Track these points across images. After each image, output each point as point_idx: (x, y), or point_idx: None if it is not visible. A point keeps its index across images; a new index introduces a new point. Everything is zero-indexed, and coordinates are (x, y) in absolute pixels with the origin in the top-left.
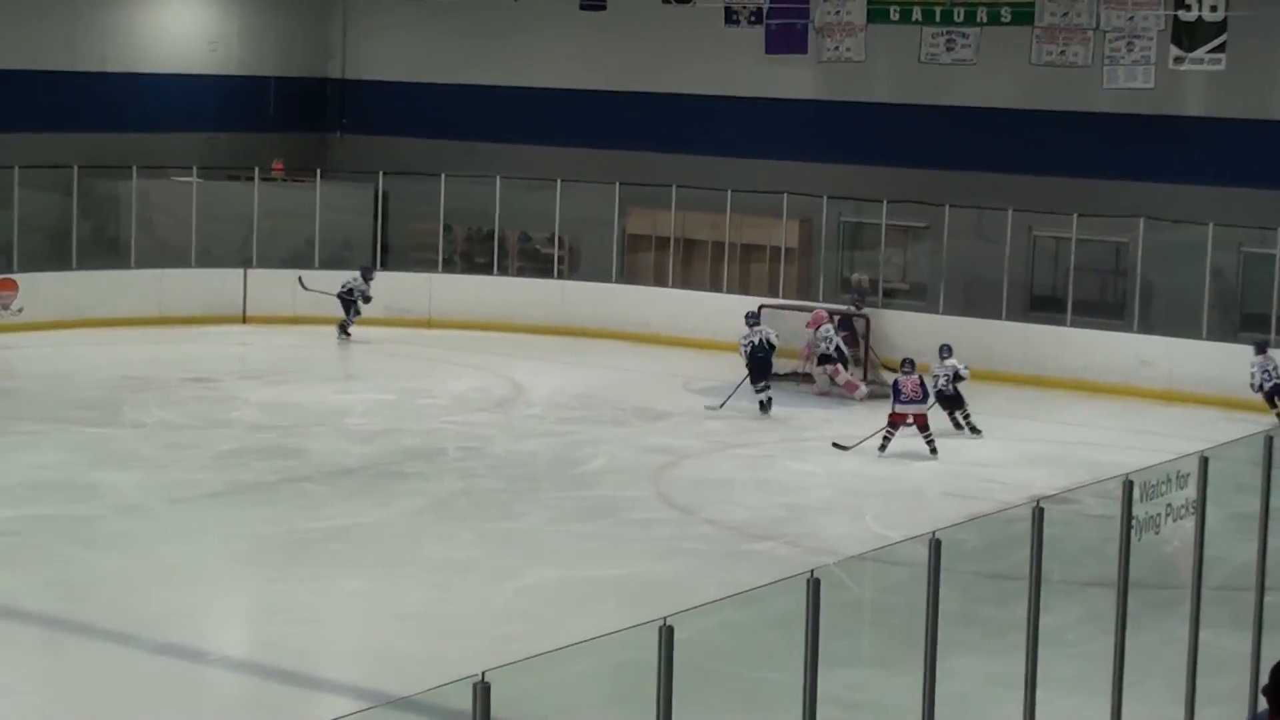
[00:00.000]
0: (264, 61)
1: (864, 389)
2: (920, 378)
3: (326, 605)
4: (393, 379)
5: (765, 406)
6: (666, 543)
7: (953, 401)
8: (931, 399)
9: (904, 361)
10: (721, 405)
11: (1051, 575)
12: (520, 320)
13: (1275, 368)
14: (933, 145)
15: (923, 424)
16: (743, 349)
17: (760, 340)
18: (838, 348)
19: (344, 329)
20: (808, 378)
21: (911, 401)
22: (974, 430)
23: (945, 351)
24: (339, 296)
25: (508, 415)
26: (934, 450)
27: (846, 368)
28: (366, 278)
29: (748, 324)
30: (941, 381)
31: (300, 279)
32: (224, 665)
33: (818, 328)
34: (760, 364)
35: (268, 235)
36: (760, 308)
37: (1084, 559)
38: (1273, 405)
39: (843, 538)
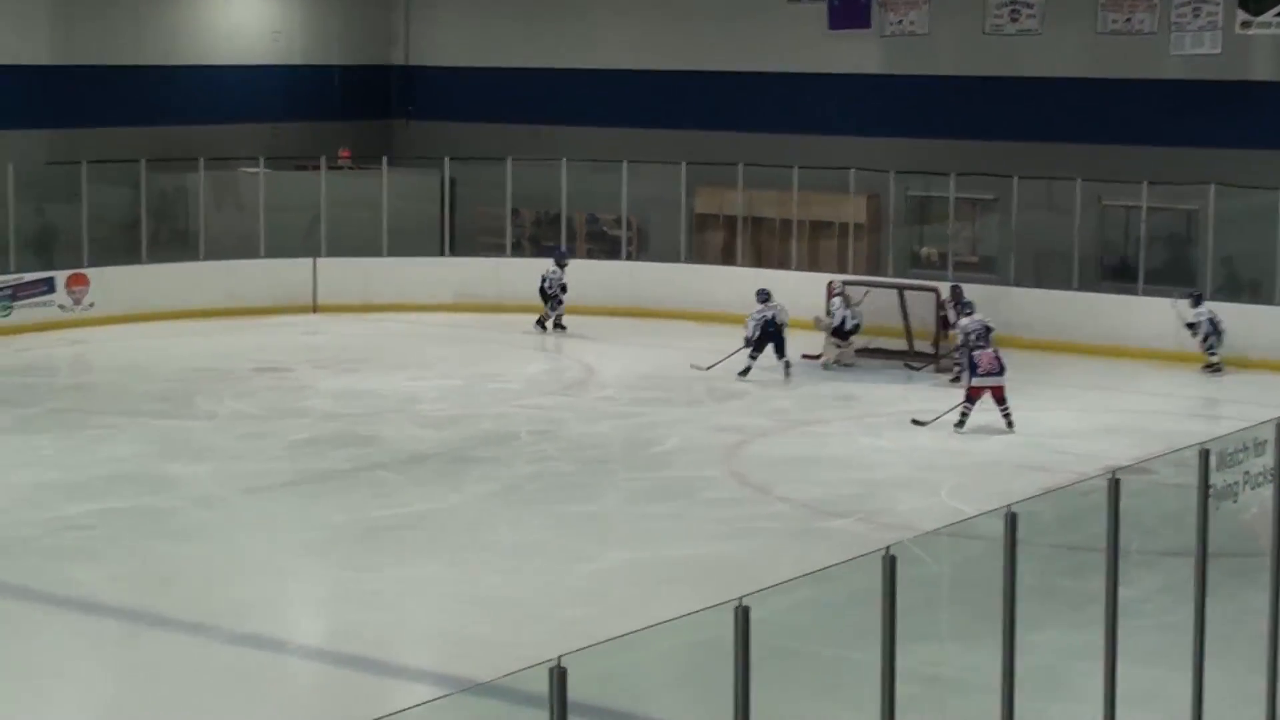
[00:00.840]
0: (328, 50)
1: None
2: (996, 350)
3: (401, 592)
4: (464, 364)
5: (787, 371)
6: (741, 522)
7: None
8: (1006, 371)
9: (976, 334)
10: (709, 368)
11: (1129, 546)
12: (590, 303)
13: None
14: (999, 117)
15: (999, 397)
16: (752, 323)
17: (772, 316)
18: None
19: (542, 323)
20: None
21: (990, 374)
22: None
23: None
24: (540, 291)
25: (579, 398)
26: (1010, 424)
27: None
28: (560, 263)
29: (759, 300)
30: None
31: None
32: (301, 654)
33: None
34: (772, 338)
35: (336, 224)
36: (844, 284)
37: (1161, 529)
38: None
39: (918, 513)
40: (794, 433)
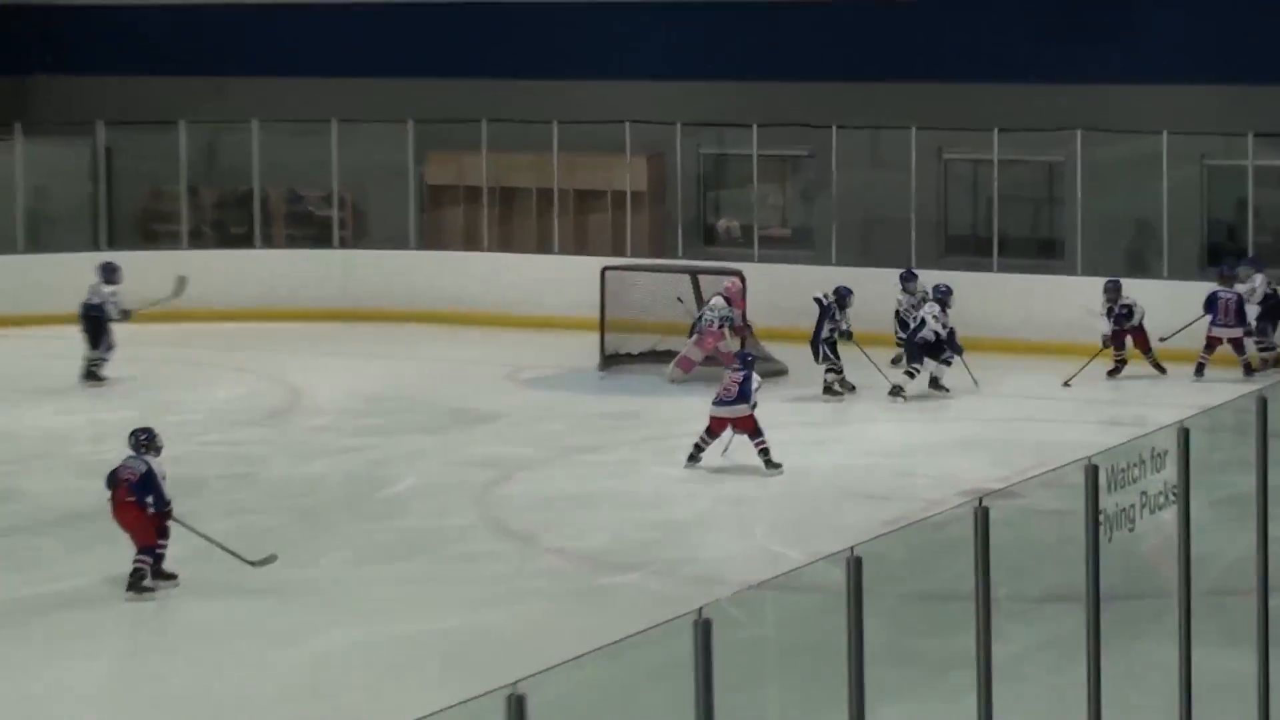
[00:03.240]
0: None
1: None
2: (739, 369)
3: (55, 696)
4: (130, 390)
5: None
6: (502, 584)
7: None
8: (753, 400)
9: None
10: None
11: (1000, 592)
12: (292, 305)
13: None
14: (812, 50)
15: (749, 429)
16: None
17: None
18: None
19: (92, 370)
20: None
21: (723, 403)
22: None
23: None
24: (82, 317)
25: (284, 429)
26: (770, 464)
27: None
28: (109, 279)
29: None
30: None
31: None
32: None
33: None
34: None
35: None
36: (604, 270)
37: (1039, 569)
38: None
39: (730, 562)
40: (565, 463)
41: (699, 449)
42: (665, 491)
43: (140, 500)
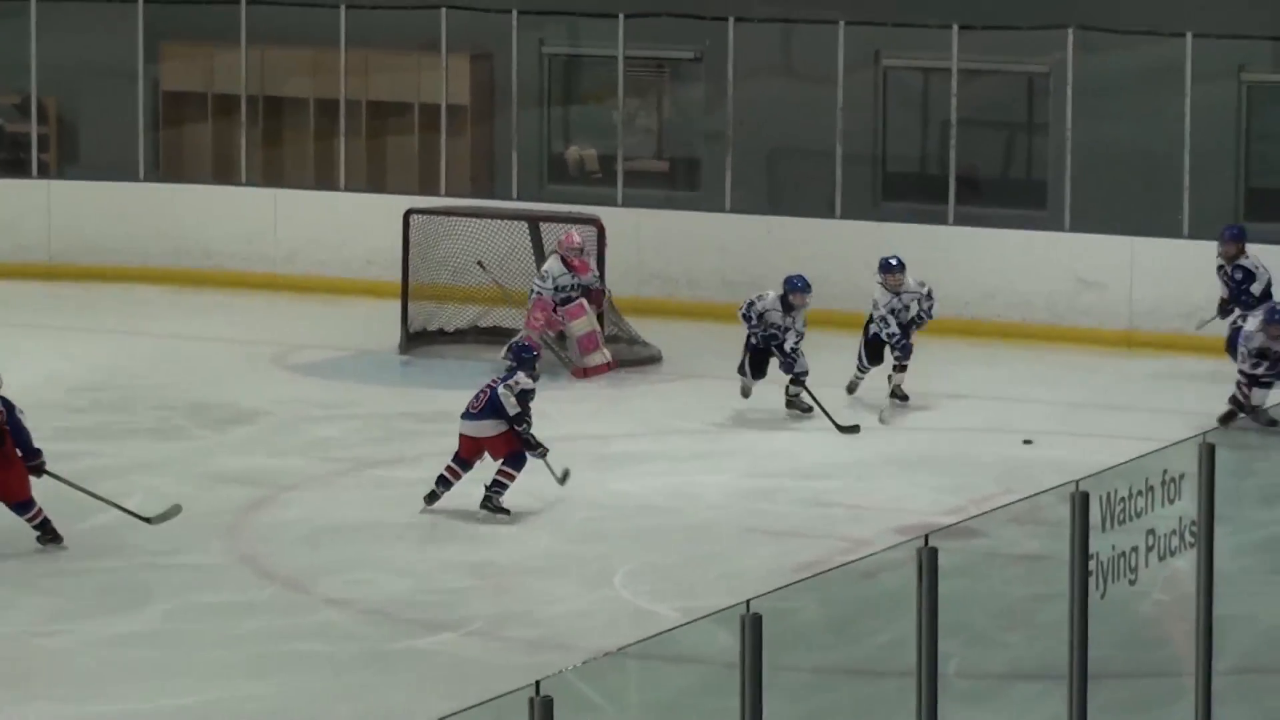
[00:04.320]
0: None
1: (603, 355)
2: (511, 377)
3: None
4: None
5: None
6: (264, 644)
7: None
8: (516, 412)
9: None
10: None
11: (949, 666)
12: None
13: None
14: None
15: (505, 453)
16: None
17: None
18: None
19: None
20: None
21: (469, 416)
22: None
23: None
24: None
25: None
26: (491, 506)
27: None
28: None
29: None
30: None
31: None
32: None
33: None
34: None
35: None
36: (408, 214)
37: (1005, 635)
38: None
39: (580, 619)
40: (351, 481)
41: (443, 483)
42: (489, 523)
43: None
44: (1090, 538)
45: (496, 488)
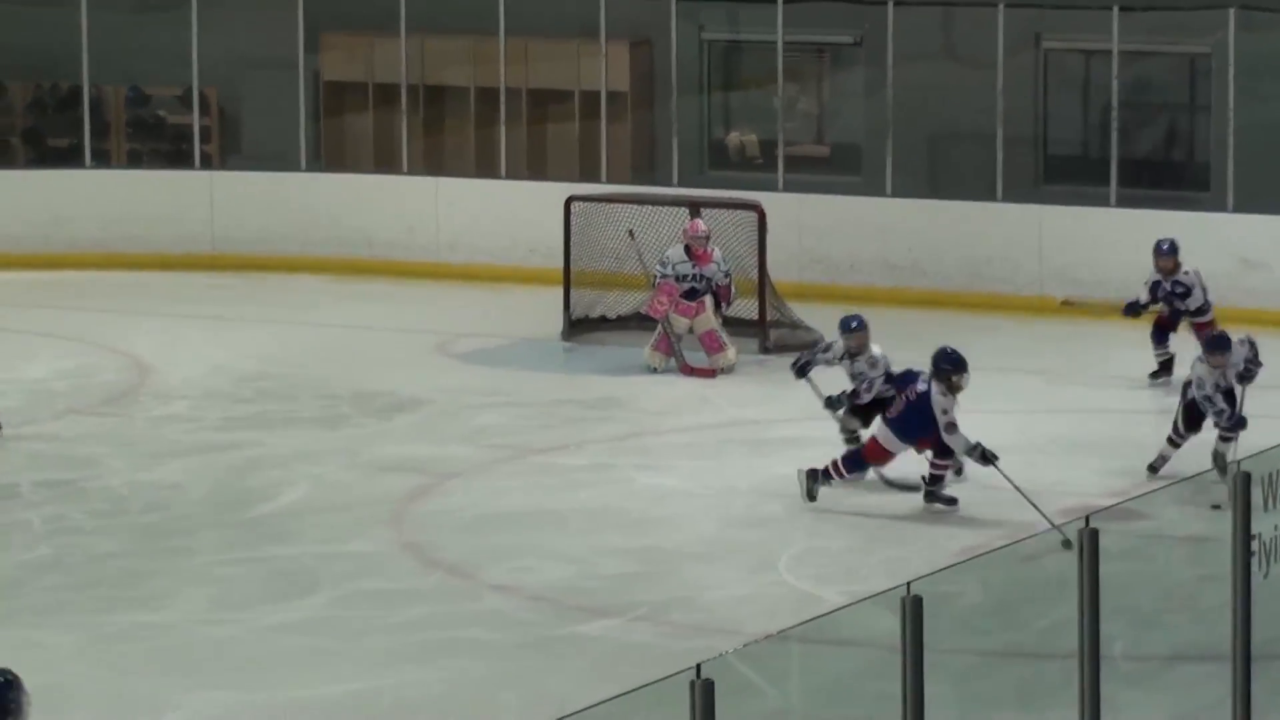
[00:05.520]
0: None
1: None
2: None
3: None
4: None
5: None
6: (429, 632)
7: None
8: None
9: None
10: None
11: (1113, 649)
12: (136, 248)
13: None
14: None
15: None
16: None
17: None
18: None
19: None
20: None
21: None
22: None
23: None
24: None
25: (126, 419)
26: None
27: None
28: None
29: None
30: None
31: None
32: None
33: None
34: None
35: None
36: (569, 201)
37: (1168, 617)
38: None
39: (742, 603)
40: (515, 469)
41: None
42: (653, 509)
43: None
44: (1253, 518)
45: (934, 482)
